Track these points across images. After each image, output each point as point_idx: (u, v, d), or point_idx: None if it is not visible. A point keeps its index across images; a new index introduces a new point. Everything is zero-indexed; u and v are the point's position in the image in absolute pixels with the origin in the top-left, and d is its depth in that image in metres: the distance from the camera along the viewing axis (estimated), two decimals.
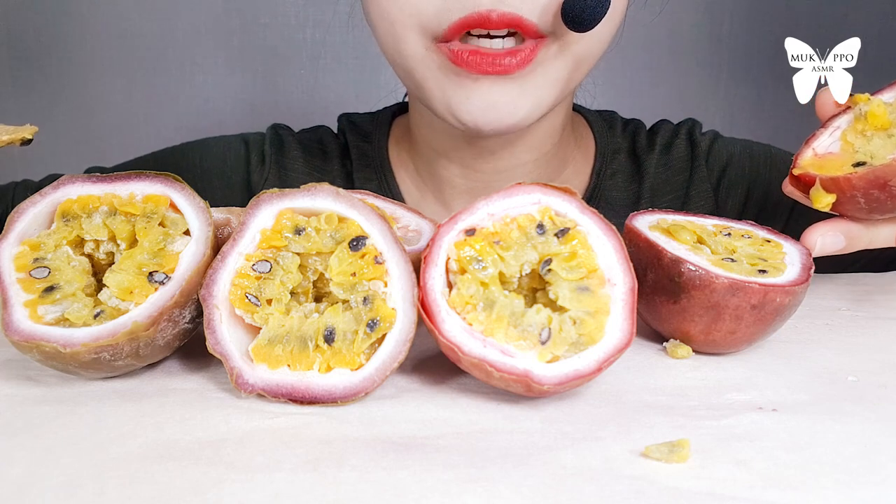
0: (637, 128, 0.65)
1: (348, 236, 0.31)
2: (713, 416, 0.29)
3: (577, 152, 0.63)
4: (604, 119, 0.65)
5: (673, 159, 0.62)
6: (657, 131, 0.64)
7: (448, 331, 0.29)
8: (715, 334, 0.35)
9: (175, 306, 0.30)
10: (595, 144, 0.63)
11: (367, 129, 0.65)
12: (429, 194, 0.63)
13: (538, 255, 0.31)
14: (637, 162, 0.63)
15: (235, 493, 0.23)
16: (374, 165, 0.63)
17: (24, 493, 0.23)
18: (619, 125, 0.65)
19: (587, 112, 0.66)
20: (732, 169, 0.62)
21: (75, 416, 0.29)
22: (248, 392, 0.30)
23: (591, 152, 0.63)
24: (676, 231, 0.37)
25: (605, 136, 0.63)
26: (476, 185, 0.60)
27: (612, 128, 0.64)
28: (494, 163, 0.58)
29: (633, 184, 0.62)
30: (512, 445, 0.27)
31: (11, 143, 0.36)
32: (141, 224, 0.32)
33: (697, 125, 0.65)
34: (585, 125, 0.65)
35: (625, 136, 0.64)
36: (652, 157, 0.62)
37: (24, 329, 0.30)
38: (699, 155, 0.62)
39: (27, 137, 0.37)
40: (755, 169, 0.62)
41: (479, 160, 0.58)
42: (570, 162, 0.62)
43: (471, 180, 0.60)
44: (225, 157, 0.65)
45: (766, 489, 0.24)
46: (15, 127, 0.37)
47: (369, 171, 0.63)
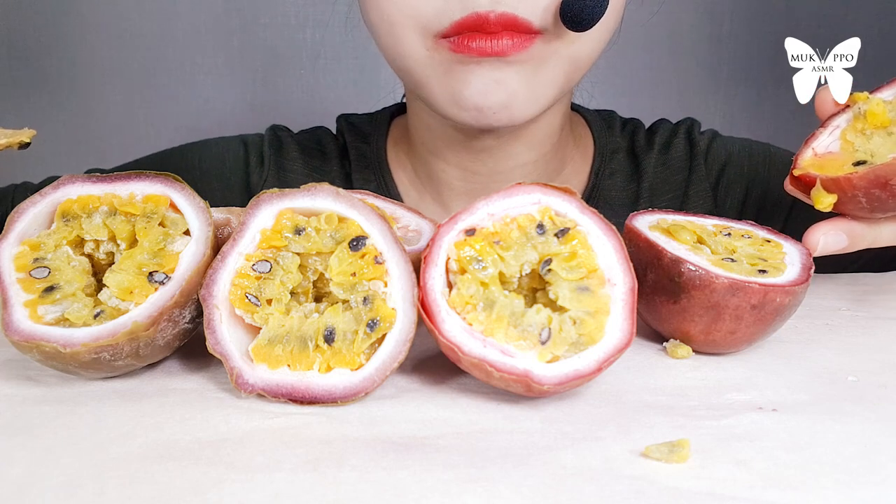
0: (636, 127, 0.65)
1: (348, 236, 0.31)
2: (713, 416, 0.29)
3: (576, 152, 0.63)
4: (602, 118, 0.65)
5: (672, 158, 0.63)
6: (656, 131, 0.64)
7: (448, 331, 0.29)
8: (715, 334, 0.35)
9: (175, 306, 0.30)
10: (594, 144, 0.63)
11: (366, 130, 0.65)
12: (427, 195, 0.63)
13: (538, 255, 0.31)
14: (636, 161, 0.63)
15: (235, 493, 0.23)
16: (373, 166, 0.63)
17: (24, 493, 0.23)
18: (617, 125, 0.65)
19: (586, 111, 0.66)
20: (731, 168, 0.62)
21: (75, 416, 0.29)
22: (248, 392, 0.30)
23: (589, 152, 0.63)
24: (676, 231, 0.37)
25: (604, 136, 0.63)
26: (475, 187, 0.60)
27: (610, 127, 0.64)
28: (493, 164, 0.58)
29: (631, 183, 0.62)
30: (512, 445, 0.27)
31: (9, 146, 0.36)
32: (141, 224, 0.32)
33: (696, 124, 0.65)
34: (584, 125, 0.65)
35: (623, 135, 0.65)
36: (651, 156, 0.62)
37: (24, 329, 0.30)
38: (698, 154, 0.62)
39: (25, 141, 0.37)
40: (754, 168, 0.62)
41: (476, 162, 0.58)
42: (568, 162, 0.62)
43: (469, 182, 0.60)
44: (224, 159, 0.65)
45: (766, 489, 0.24)
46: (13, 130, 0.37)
47: (368, 171, 0.63)
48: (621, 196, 0.62)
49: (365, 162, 0.64)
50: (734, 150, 0.63)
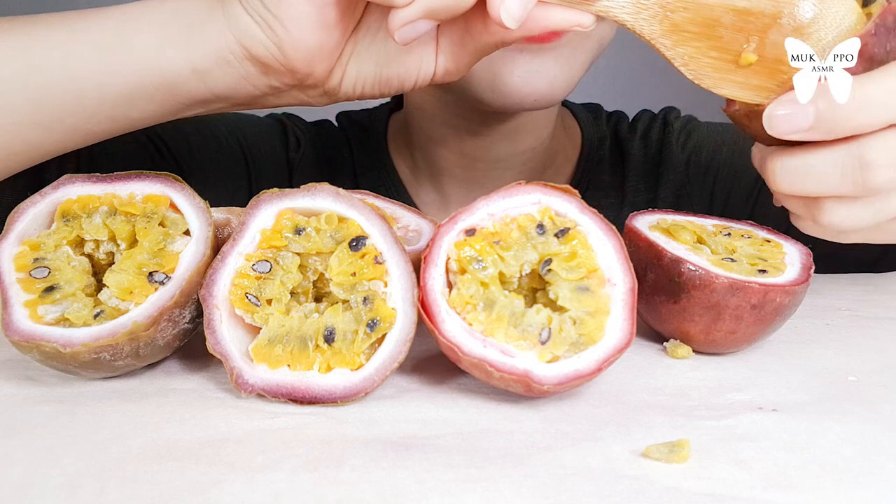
0: (619, 118, 0.70)
1: (348, 236, 0.31)
2: (713, 416, 0.29)
3: (567, 141, 0.67)
4: (589, 111, 0.70)
5: (651, 142, 0.67)
6: (638, 119, 0.69)
7: (448, 331, 0.29)
8: (715, 334, 0.35)
9: (175, 306, 0.30)
10: (581, 134, 0.67)
11: (366, 124, 0.68)
12: (427, 184, 0.65)
13: (538, 255, 0.31)
14: (620, 147, 0.67)
15: (235, 493, 0.23)
16: (374, 155, 0.66)
17: (24, 493, 0.23)
18: (603, 116, 0.70)
19: (572, 105, 0.70)
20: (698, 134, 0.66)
21: (75, 416, 0.29)
22: (248, 392, 0.30)
23: (578, 141, 0.67)
24: (676, 231, 0.37)
25: (591, 126, 0.68)
26: (475, 175, 0.62)
27: (596, 118, 0.69)
28: (495, 151, 0.61)
29: (617, 167, 0.67)
30: (512, 445, 0.27)
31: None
32: (141, 224, 0.32)
33: (674, 111, 0.69)
34: (571, 116, 0.69)
35: (608, 125, 0.69)
36: (634, 142, 0.67)
37: (24, 329, 0.30)
38: (670, 133, 0.66)
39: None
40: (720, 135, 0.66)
41: (479, 149, 0.61)
42: (560, 150, 0.66)
43: (469, 170, 0.62)
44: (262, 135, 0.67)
45: (766, 489, 0.24)
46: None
47: (369, 160, 0.66)
48: (609, 180, 0.66)
49: (367, 151, 0.67)
50: (706, 131, 0.66)
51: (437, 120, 0.60)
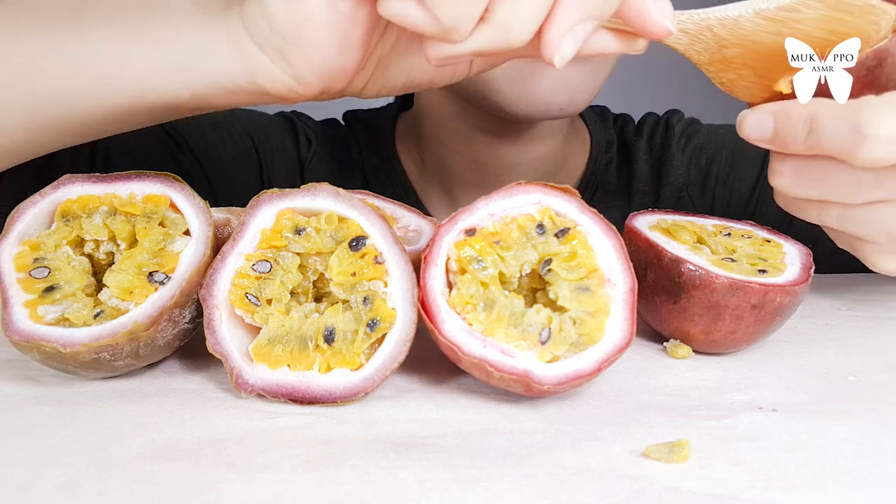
0: (626, 121, 0.71)
1: (348, 236, 0.31)
2: (713, 416, 0.29)
3: (577, 145, 0.67)
4: (596, 114, 0.70)
5: (655, 143, 0.68)
6: (644, 122, 0.70)
7: (448, 331, 0.29)
8: (715, 334, 0.35)
9: (175, 306, 0.30)
10: (590, 137, 0.68)
11: (373, 123, 0.68)
12: (436, 185, 0.65)
13: (538, 255, 0.31)
14: (627, 149, 0.68)
15: (235, 493, 0.23)
16: (382, 155, 0.66)
17: (24, 493, 0.23)
18: (610, 119, 0.70)
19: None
20: (699, 137, 0.67)
21: (75, 416, 0.29)
22: (248, 392, 0.30)
23: (586, 144, 0.68)
24: (676, 231, 0.37)
25: (599, 129, 0.68)
26: (485, 179, 0.62)
27: (604, 121, 0.69)
28: (508, 157, 0.61)
29: (624, 169, 0.67)
30: (512, 445, 0.27)
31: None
32: (141, 224, 0.32)
33: (677, 113, 0.70)
34: (579, 119, 0.69)
35: (615, 128, 0.70)
36: (640, 144, 0.68)
37: (24, 329, 0.30)
38: (672, 136, 0.67)
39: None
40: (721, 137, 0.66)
41: (494, 156, 0.61)
42: (571, 155, 0.66)
43: (480, 174, 0.62)
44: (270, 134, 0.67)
45: (766, 489, 0.24)
46: None
47: (377, 159, 0.66)
48: (616, 181, 0.67)
49: (375, 152, 0.66)
50: (707, 134, 0.67)
51: (450, 124, 0.60)
